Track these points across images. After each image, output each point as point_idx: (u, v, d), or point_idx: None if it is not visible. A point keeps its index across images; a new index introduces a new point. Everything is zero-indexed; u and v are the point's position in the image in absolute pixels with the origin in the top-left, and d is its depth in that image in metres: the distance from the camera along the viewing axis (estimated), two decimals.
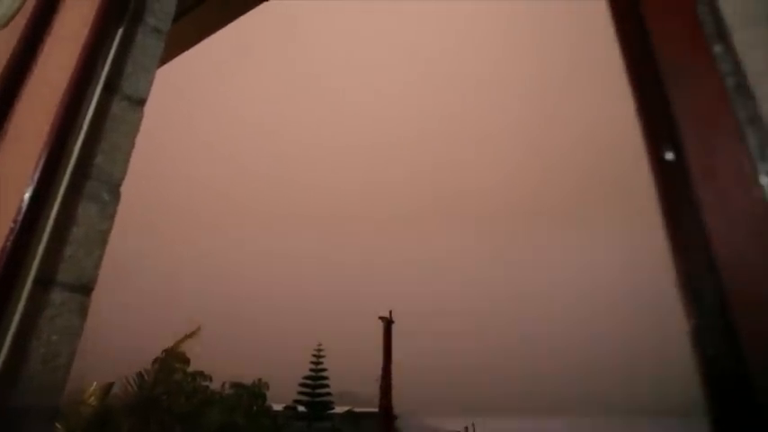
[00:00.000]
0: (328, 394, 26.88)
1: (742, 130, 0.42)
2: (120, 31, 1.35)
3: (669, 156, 0.43)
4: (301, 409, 25.71)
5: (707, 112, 0.43)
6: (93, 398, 8.48)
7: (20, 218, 0.94)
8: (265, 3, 2.30)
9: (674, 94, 0.44)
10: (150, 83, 1.38)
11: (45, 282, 0.99)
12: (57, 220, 1.03)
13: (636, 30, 0.51)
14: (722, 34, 0.45)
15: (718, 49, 0.45)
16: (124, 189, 1.21)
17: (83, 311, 1.05)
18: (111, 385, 9.22)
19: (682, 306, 0.43)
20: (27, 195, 0.97)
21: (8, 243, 0.91)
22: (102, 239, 1.13)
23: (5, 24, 1.55)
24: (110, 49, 1.29)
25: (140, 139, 1.29)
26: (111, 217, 1.17)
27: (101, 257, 1.12)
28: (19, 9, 1.50)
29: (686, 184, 0.42)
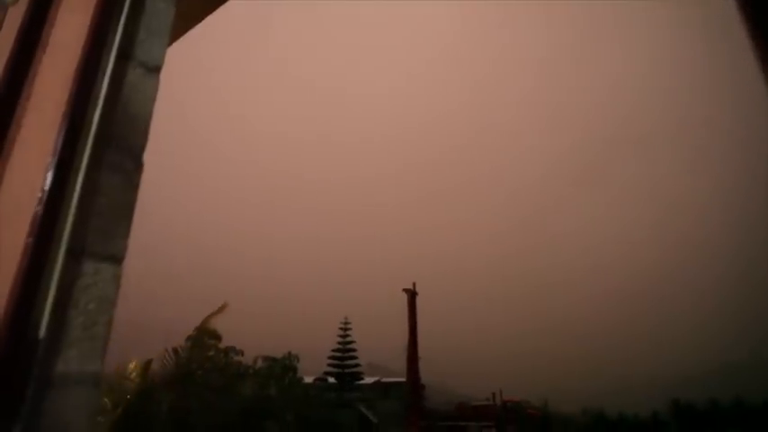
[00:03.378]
0: (357, 365, 27.62)
1: None
2: None
3: None
4: (331, 380, 26.58)
5: None
6: (134, 374, 8.89)
7: (46, 187, 0.93)
8: None
9: None
10: (164, 49, 1.33)
11: (77, 252, 0.98)
12: (82, 191, 1.02)
13: None
14: None
15: None
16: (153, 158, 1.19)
17: (116, 280, 1.05)
18: (150, 362, 9.64)
19: None
20: (52, 164, 0.96)
21: (38, 211, 0.91)
22: (129, 209, 1.12)
23: (15, 0, 1.52)
24: (120, 15, 1.25)
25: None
26: (136, 187, 1.15)
27: (128, 227, 1.11)
28: None
29: None
